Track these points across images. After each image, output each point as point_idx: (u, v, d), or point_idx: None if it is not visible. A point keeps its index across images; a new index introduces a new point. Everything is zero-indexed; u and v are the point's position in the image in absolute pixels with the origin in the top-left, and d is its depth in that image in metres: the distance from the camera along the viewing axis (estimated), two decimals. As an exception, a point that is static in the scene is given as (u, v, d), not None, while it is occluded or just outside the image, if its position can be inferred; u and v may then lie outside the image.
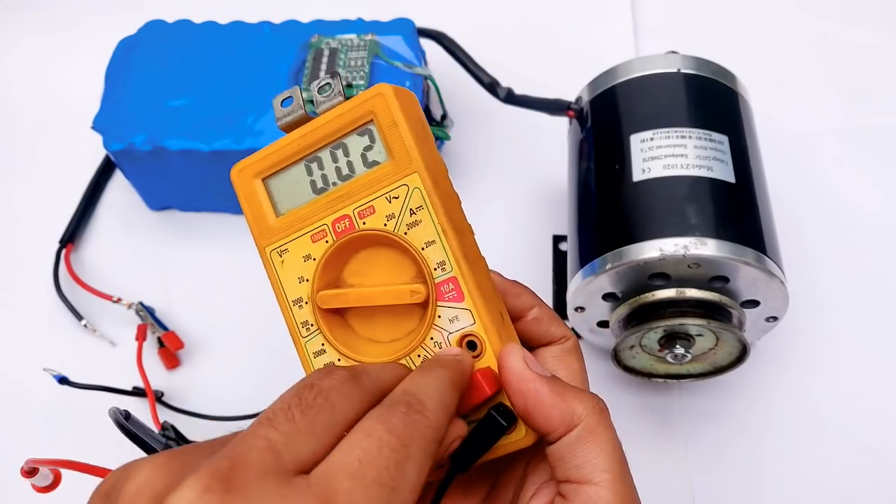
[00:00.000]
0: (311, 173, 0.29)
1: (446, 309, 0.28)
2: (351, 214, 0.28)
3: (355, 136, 0.28)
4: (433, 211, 0.28)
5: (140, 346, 0.48)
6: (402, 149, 0.28)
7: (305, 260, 0.29)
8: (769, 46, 0.64)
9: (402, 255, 0.29)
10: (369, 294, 0.29)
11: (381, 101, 0.28)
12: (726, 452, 0.46)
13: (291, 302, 0.30)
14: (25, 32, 0.68)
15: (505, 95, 0.50)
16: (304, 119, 0.29)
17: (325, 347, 0.29)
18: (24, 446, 0.48)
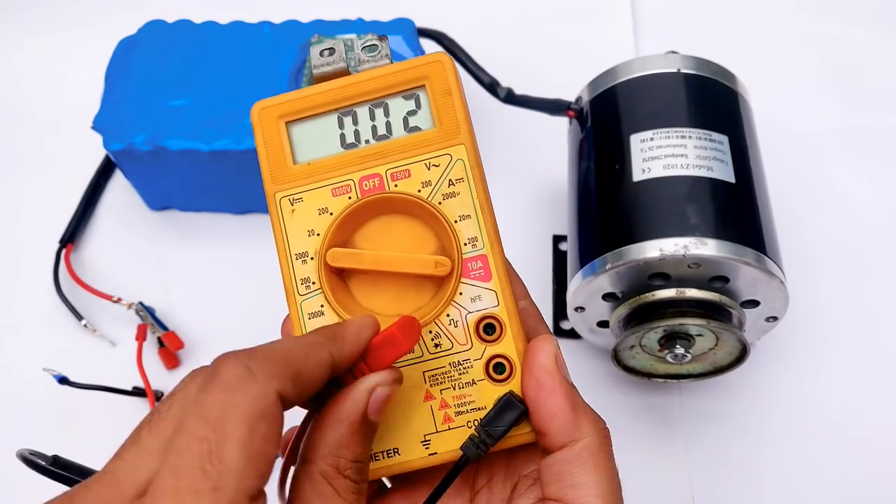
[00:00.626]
0: (343, 126, 0.28)
1: (470, 287, 0.27)
2: (382, 174, 0.27)
3: (400, 98, 0.28)
4: (474, 185, 0.27)
5: (140, 346, 0.48)
6: (452, 118, 0.27)
7: (320, 213, 0.27)
8: (769, 46, 0.64)
9: (425, 228, 0.27)
10: (388, 258, 0.27)
11: (439, 68, 0.27)
12: (727, 452, 0.46)
13: (294, 255, 0.28)
14: (26, 32, 0.68)
15: (505, 95, 0.50)
16: (343, 72, 0.28)
17: (323, 309, 0.27)
18: (24, 446, 0.48)
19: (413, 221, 0.28)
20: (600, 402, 0.47)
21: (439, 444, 0.27)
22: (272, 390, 0.21)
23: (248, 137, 0.49)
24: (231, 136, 0.49)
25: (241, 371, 0.20)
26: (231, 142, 0.49)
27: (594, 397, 0.47)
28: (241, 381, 0.20)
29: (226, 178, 0.52)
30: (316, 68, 0.28)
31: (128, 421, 0.49)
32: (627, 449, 0.46)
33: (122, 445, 0.21)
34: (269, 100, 0.29)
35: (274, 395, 0.21)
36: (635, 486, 0.45)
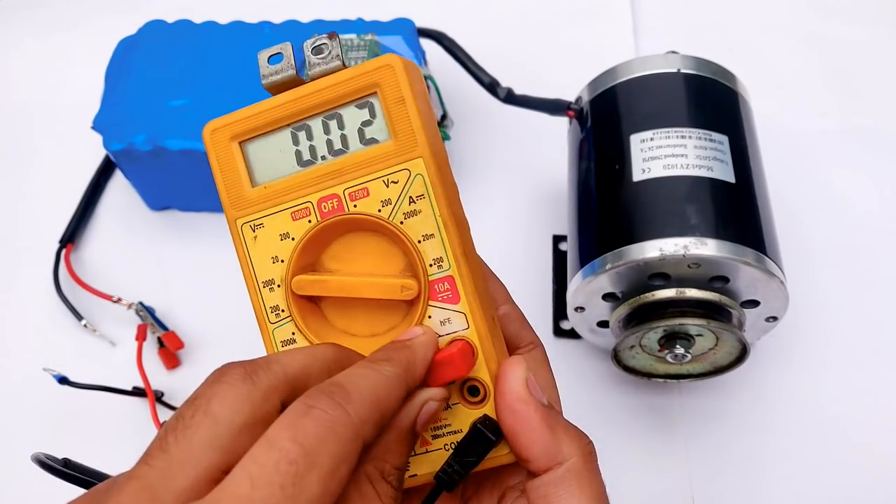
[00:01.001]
0: (298, 142, 0.26)
1: (438, 310, 0.26)
2: (341, 195, 0.26)
3: (353, 107, 0.26)
4: (436, 202, 0.25)
5: (140, 346, 0.48)
6: (407, 129, 0.25)
7: (282, 238, 0.26)
8: (769, 46, 0.64)
9: (392, 244, 0.26)
10: (353, 284, 0.26)
11: (388, 74, 0.25)
12: (727, 452, 0.46)
13: (261, 283, 0.27)
14: (26, 32, 0.68)
15: (505, 95, 0.50)
16: (294, 81, 0.26)
17: (295, 337, 0.27)
18: (24, 446, 0.48)
19: (378, 238, 0.26)
20: (600, 402, 0.47)
21: (417, 466, 0.26)
22: (361, 437, 0.21)
23: (248, 137, 0.49)
24: (231, 136, 0.49)
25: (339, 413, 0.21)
26: (231, 142, 0.49)
27: (594, 397, 0.48)
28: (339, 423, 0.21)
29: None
30: (264, 78, 0.26)
31: (128, 421, 0.50)
32: (627, 449, 0.46)
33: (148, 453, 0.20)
34: (219, 120, 0.27)
35: (361, 441, 0.21)
36: (635, 486, 0.45)
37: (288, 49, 0.26)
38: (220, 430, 0.20)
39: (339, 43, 0.26)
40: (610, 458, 0.46)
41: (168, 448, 0.20)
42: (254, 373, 0.22)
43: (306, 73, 0.26)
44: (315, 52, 0.26)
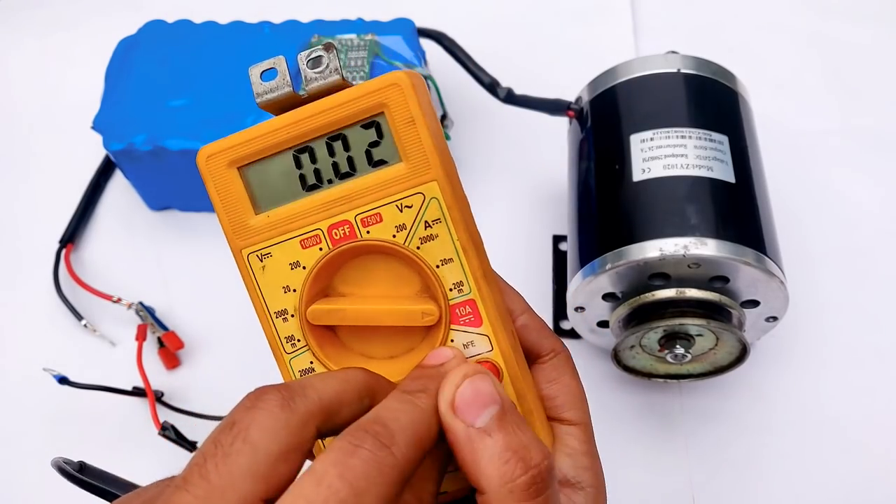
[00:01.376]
0: (301, 166, 0.25)
1: (461, 333, 0.25)
2: (352, 220, 0.25)
3: (359, 128, 0.24)
4: (452, 226, 0.24)
5: (140, 346, 0.48)
6: (419, 151, 0.24)
7: (293, 268, 0.26)
8: (769, 46, 0.64)
9: (407, 267, 0.25)
10: (371, 313, 0.25)
11: (397, 94, 0.24)
12: (727, 452, 0.46)
13: (273, 314, 0.26)
14: (25, 32, 0.68)
15: (505, 95, 0.50)
16: (292, 98, 0.25)
17: (314, 366, 0.26)
18: (24, 446, 0.48)
19: (392, 260, 0.25)
20: (600, 403, 0.47)
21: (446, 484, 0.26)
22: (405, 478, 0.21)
23: (248, 137, 0.49)
24: (231, 136, 0.49)
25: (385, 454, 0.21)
26: (231, 142, 0.49)
27: (594, 397, 0.47)
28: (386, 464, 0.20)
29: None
30: (258, 96, 0.25)
31: (127, 421, 0.50)
32: (627, 449, 0.46)
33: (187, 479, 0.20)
34: (213, 145, 0.25)
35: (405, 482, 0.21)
36: (635, 486, 0.45)
37: (282, 64, 0.25)
38: (259, 458, 0.20)
39: (338, 55, 0.24)
40: (610, 458, 0.46)
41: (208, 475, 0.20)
42: (291, 399, 0.22)
43: (303, 88, 0.25)
44: (312, 65, 0.24)
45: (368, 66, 0.50)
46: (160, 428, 0.44)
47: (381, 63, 0.51)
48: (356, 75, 0.50)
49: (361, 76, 0.50)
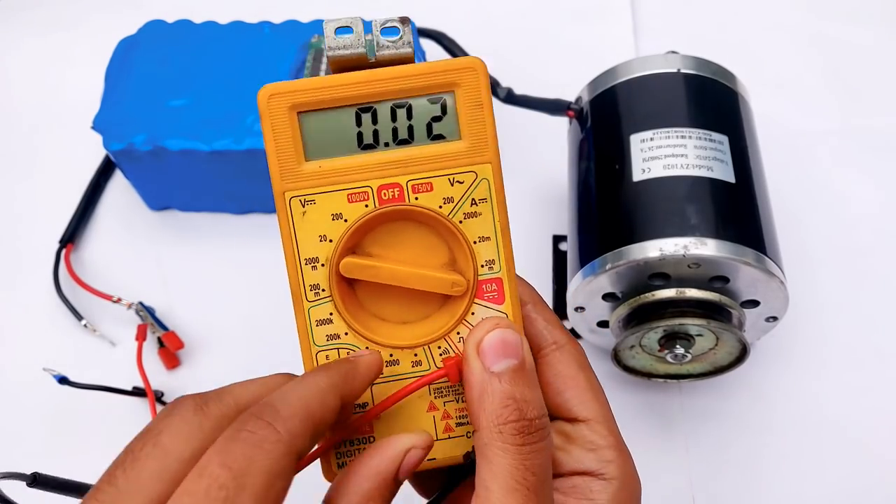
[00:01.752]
0: (361, 124, 0.26)
1: (482, 308, 0.27)
2: (403, 185, 0.26)
3: (425, 100, 0.26)
4: (496, 208, 0.26)
5: (140, 346, 0.48)
6: (480, 133, 0.26)
7: (334, 219, 0.26)
8: (769, 46, 0.64)
9: (438, 238, 0.27)
10: (404, 274, 0.26)
11: (471, 77, 0.26)
12: (727, 452, 0.46)
13: (303, 260, 0.26)
14: (26, 32, 0.68)
15: (505, 95, 0.50)
16: (361, 60, 0.26)
17: (332, 317, 0.27)
18: (24, 446, 0.48)
19: (425, 230, 0.27)
20: (600, 402, 0.47)
21: (439, 451, 0.27)
22: (294, 450, 0.21)
23: (248, 137, 0.49)
24: (231, 136, 0.49)
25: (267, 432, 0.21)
26: (231, 142, 0.49)
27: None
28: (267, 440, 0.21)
29: (226, 178, 0.52)
30: (331, 50, 0.26)
31: (128, 421, 0.50)
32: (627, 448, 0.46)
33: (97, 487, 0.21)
34: (279, 85, 0.25)
35: (295, 455, 0.22)
36: (635, 486, 0.45)
37: (359, 24, 0.26)
38: (169, 462, 0.21)
39: (412, 29, 0.26)
40: (610, 458, 0.46)
41: (116, 481, 0.20)
42: (204, 404, 0.22)
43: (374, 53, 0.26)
44: (385, 33, 0.26)
45: (368, 66, 0.50)
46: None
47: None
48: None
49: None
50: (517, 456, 0.24)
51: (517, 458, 0.24)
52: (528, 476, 0.23)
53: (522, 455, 0.24)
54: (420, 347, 0.27)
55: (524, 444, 0.24)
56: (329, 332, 0.27)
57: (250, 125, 0.49)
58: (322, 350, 0.27)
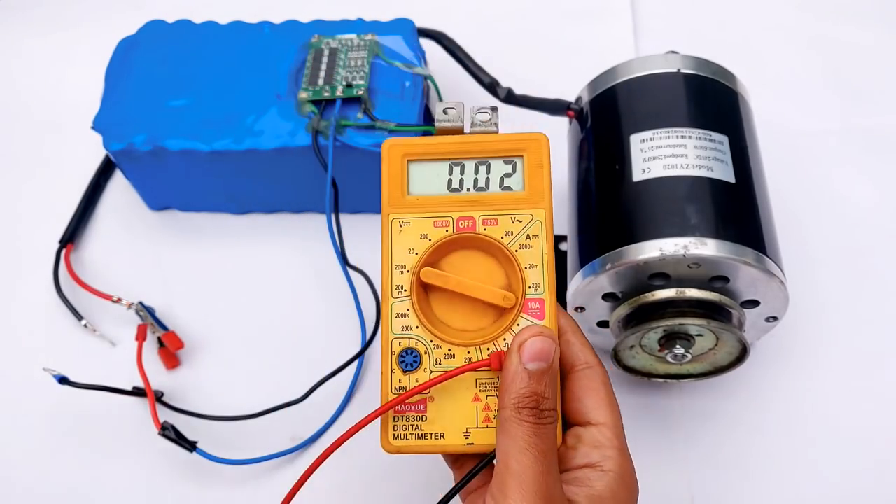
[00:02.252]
0: (452, 173, 0.35)
1: (526, 321, 0.33)
2: (476, 218, 0.34)
3: (501, 161, 0.34)
4: (546, 244, 0.33)
5: (140, 346, 0.48)
6: (539, 187, 0.34)
7: (421, 238, 0.34)
8: (769, 46, 0.64)
9: (497, 265, 0.34)
10: (468, 285, 0.33)
11: (536, 146, 0.34)
12: (726, 452, 0.46)
13: (395, 265, 0.34)
14: (25, 32, 0.68)
15: (505, 95, 0.50)
16: (458, 130, 0.35)
17: (408, 312, 0.33)
18: (24, 446, 0.48)
19: (488, 259, 0.34)
20: (600, 402, 0.47)
21: (477, 437, 0.32)
22: None
23: (247, 137, 0.49)
24: (231, 136, 0.49)
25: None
26: (231, 142, 0.49)
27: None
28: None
29: (226, 178, 0.52)
30: (438, 122, 0.35)
31: (128, 421, 0.50)
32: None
33: None
34: (397, 139, 0.35)
35: None
36: (635, 486, 0.45)
37: (461, 107, 0.35)
38: None
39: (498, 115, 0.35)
40: (610, 458, 0.46)
41: None
42: None
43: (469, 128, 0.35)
44: (481, 114, 0.35)
45: (368, 67, 0.50)
46: (160, 428, 0.44)
47: (382, 63, 0.51)
48: (356, 75, 0.50)
49: (361, 76, 0.50)
50: (530, 428, 0.29)
51: (530, 429, 0.29)
52: (538, 442, 0.29)
53: (534, 428, 0.29)
54: (473, 347, 0.33)
55: (536, 423, 0.29)
56: (404, 324, 0.33)
57: (250, 125, 0.49)
58: (396, 337, 0.33)
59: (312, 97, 0.49)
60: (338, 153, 0.48)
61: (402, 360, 0.33)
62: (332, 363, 0.47)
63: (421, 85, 0.51)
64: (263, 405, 0.46)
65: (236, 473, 0.46)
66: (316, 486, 0.33)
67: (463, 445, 0.32)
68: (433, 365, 0.33)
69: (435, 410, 0.33)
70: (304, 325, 0.51)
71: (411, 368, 0.33)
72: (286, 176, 0.51)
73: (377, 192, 0.44)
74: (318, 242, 0.52)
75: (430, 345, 0.33)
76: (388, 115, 0.49)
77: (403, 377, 0.33)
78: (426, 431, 0.33)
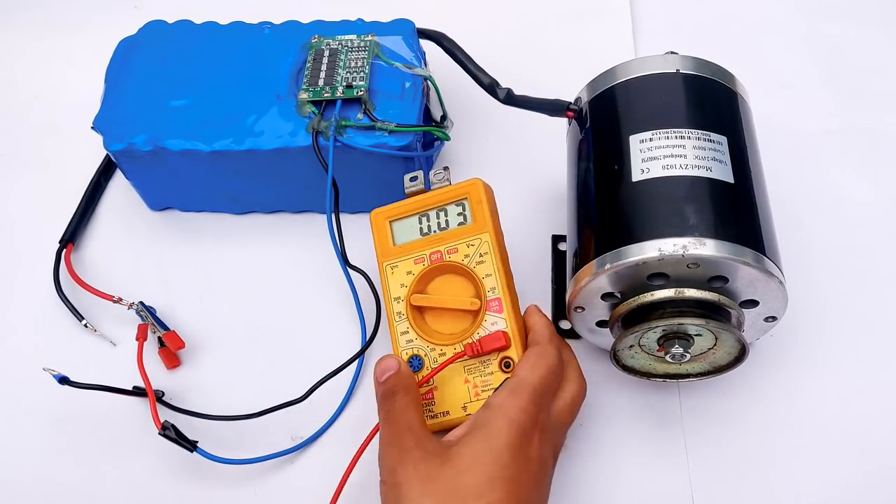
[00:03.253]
0: (421, 222, 0.46)
1: (490, 316, 0.43)
2: (442, 250, 0.45)
3: (453, 205, 0.45)
4: (494, 257, 0.44)
5: (140, 346, 0.48)
6: (481, 217, 0.44)
7: (407, 274, 0.45)
8: (769, 46, 0.64)
9: (467, 281, 0.44)
10: (445, 300, 0.44)
11: (475, 189, 0.45)
12: (726, 452, 0.46)
13: (393, 298, 0.45)
14: (25, 32, 0.69)
15: (504, 96, 0.50)
16: (423, 191, 0.46)
17: (408, 330, 0.44)
18: (24, 446, 0.48)
19: (458, 277, 0.45)
20: (600, 402, 0.47)
21: (472, 408, 0.42)
22: None
23: (248, 138, 0.49)
24: (231, 136, 0.49)
25: None
26: (231, 142, 0.49)
27: (594, 397, 0.48)
28: None
29: (226, 178, 0.52)
30: (406, 188, 0.46)
31: (127, 421, 0.50)
32: (627, 449, 0.46)
33: None
34: (381, 208, 0.47)
35: None
36: (635, 486, 0.45)
37: (420, 175, 0.46)
38: None
39: (449, 173, 0.46)
40: (609, 458, 0.46)
41: None
42: None
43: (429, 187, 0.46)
44: (436, 176, 0.46)
45: (368, 67, 0.50)
46: (161, 428, 0.44)
47: (382, 64, 0.51)
48: (356, 75, 0.50)
49: (361, 77, 0.50)
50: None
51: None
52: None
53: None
54: (458, 344, 0.43)
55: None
56: (407, 339, 0.44)
57: (250, 126, 0.49)
58: (403, 349, 0.44)
59: (313, 98, 0.49)
60: (338, 154, 0.48)
61: (410, 364, 0.43)
62: (331, 362, 0.48)
63: (421, 85, 0.51)
64: (263, 404, 0.46)
65: (236, 473, 0.46)
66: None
67: (463, 416, 0.42)
68: (431, 363, 0.43)
69: (439, 396, 0.43)
70: (304, 324, 0.51)
71: (418, 369, 0.43)
72: (286, 176, 0.51)
73: (377, 193, 0.50)
74: (318, 242, 0.52)
75: (428, 349, 0.43)
76: (388, 116, 0.49)
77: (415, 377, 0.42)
78: (436, 412, 0.43)
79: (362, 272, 0.50)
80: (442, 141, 0.53)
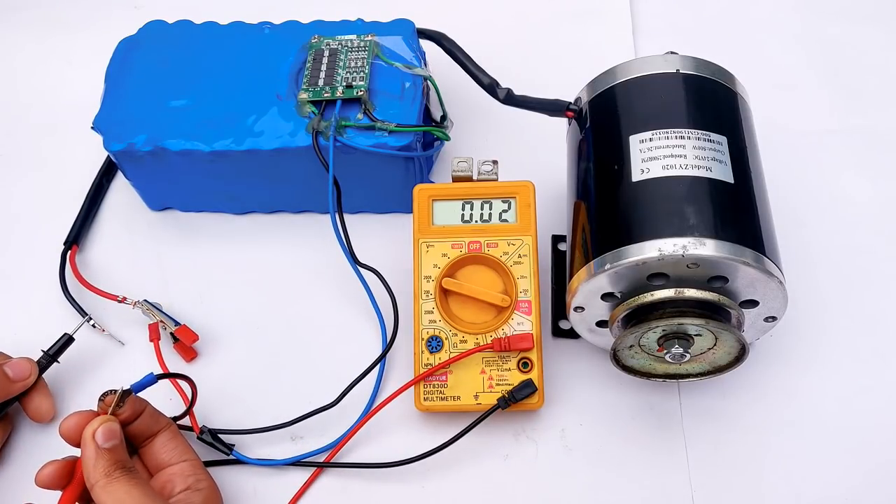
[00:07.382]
0: (464, 209, 0.47)
1: (518, 316, 0.45)
2: (482, 242, 0.46)
3: (499, 201, 0.47)
4: (532, 261, 0.46)
5: (157, 346, 0.48)
6: (527, 220, 0.46)
7: (442, 256, 0.46)
8: (769, 46, 0.64)
9: (497, 276, 0.46)
10: (476, 290, 0.45)
11: (525, 191, 0.47)
12: (726, 452, 0.46)
13: (423, 276, 0.46)
14: (25, 32, 0.69)
15: (504, 96, 0.50)
16: (468, 177, 0.47)
17: (433, 310, 0.45)
18: (27, 446, 0.48)
19: (491, 271, 0.46)
20: (599, 402, 0.47)
21: (483, 398, 0.44)
22: None
23: (248, 138, 0.49)
24: (231, 136, 0.49)
25: None
26: (231, 142, 0.49)
27: (593, 397, 0.48)
28: None
29: (226, 178, 0.52)
30: (454, 171, 0.47)
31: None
32: (627, 449, 0.46)
33: None
34: (427, 185, 0.48)
35: None
36: (635, 486, 0.45)
37: (471, 160, 0.47)
38: None
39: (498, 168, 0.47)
40: (609, 458, 0.46)
41: None
42: None
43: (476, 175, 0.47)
44: (486, 165, 0.47)
45: (368, 67, 0.50)
46: (198, 432, 0.44)
47: (382, 64, 0.51)
48: (356, 76, 0.50)
49: (361, 77, 0.50)
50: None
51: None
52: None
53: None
54: (480, 335, 0.45)
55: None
56: (430, 318, 0.45)
57: (251, 126, 0.49)
58: (425, 328, 0.45)
59: (312, 98, 0.49)
60: (338, 154, 0.48)
61: (429, 344, 0.45)
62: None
63: (421, 86, 0.51)
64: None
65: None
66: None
67: (473, 404, 0.44)
68: (451, 348, 0.45)
69: (453, 380, 0.44)
70: (305, 324, 0.51)
71: (436, 350, 0.45)
72: (286, 176, 0.51)
73: (377, 193, 0.52)
74: (319, 242, 0.52)
75: (450, 333, 0.45)
76: (388, 116, 0.49)
77: (430, 357, 0.45)
78: (447, 395, 0.44)
79: (375, 270, 0.49)
80: (442, 141, 0.53)
